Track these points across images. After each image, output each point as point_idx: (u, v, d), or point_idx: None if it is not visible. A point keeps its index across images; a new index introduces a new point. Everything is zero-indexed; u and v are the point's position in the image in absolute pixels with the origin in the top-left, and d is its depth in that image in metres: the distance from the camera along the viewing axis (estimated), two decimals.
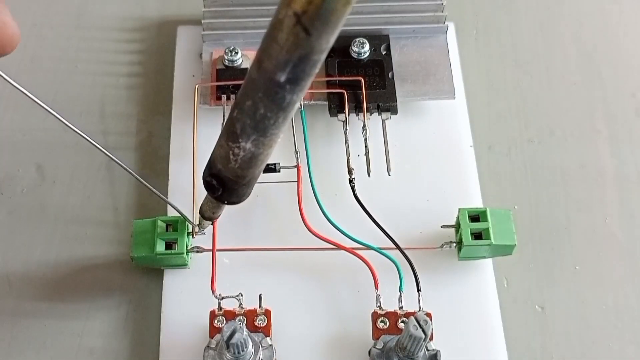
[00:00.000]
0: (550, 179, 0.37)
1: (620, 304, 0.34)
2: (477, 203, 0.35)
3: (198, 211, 0.31)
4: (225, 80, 0.36)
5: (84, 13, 0.43)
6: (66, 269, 0.34)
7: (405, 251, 0.32)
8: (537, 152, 0.38)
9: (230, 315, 0.31)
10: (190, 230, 0.33)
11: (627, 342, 0.33)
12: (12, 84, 0.25)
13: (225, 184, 0.26)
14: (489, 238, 0.32)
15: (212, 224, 0.32)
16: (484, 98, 0.39)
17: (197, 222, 0.32)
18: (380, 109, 0.36)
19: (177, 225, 0.33)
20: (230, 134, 0.24)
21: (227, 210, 0.32)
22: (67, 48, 0.41)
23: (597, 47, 0.42)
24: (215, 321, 0.31)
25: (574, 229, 0.36)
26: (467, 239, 0.32)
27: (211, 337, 0.30)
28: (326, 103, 0.36)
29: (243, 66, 0.37)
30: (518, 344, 0.32)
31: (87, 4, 0.43)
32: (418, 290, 0.31)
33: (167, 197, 0.35)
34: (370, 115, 0.36)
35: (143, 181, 0.30)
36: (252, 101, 0.23)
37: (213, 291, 0.31)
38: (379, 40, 0.38)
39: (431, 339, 0.30)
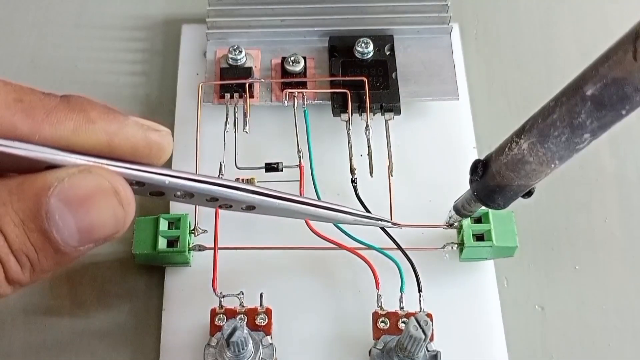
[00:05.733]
0: (550, 179, 0.37)
1: (620, 304, 0.34)
2: None
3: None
4: (228, 79, 0.36)
5: (88, 12, 0.43)
6: (67, 268, 0.34)
7: (407, 252, 0.32)
8: None
9: (231, 314, 0.31)
10: (192, 228, 0.33)
11: (627, 342, 0.33)
12: None
13: (485, 173, 0.26)
14: (490, 240, 0.32)
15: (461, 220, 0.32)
16: (484, 98, 0.39)
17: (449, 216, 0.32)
18: (383, 109, 0.36)
19: (179, 223, 0.33)
20: (521, 127, 0.24)
21: None
22: (69, 47, 0.41)
23: (597, 47, 0.41)
24: (216, 319, 0.31)
25: (574, 229, 0.36)
26: (468, 240, 0.32)
27: (212, 335, 0.30)
28: (329, 103, 0.36)
29: (246, 65, 0.37)
30: (518, 344, 0.32)
31: (92, 3, 0.43)
32: (419, 290, 0.31)
33: None
34: (374, 115, 0.36)
35: None
36: (554, 102, 0.22)
37: (214, 289, 0.31)
38: (383, 40, 0.38)
39: (432, 339, 0.30)
